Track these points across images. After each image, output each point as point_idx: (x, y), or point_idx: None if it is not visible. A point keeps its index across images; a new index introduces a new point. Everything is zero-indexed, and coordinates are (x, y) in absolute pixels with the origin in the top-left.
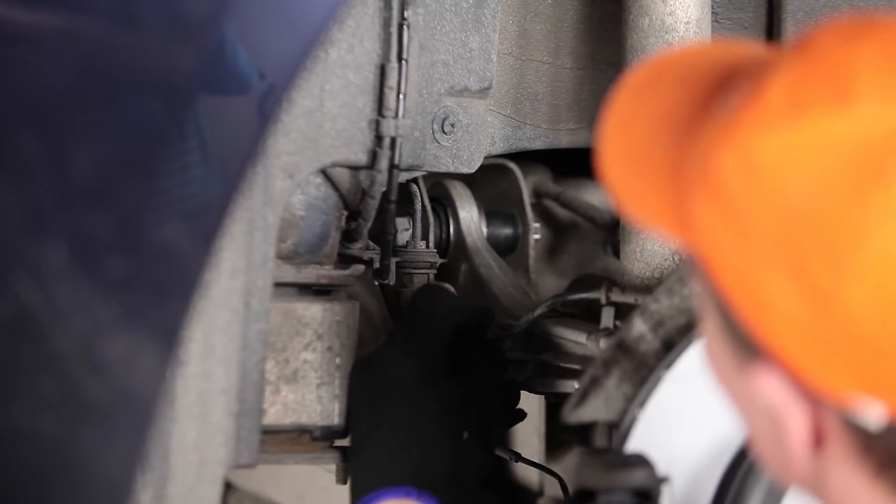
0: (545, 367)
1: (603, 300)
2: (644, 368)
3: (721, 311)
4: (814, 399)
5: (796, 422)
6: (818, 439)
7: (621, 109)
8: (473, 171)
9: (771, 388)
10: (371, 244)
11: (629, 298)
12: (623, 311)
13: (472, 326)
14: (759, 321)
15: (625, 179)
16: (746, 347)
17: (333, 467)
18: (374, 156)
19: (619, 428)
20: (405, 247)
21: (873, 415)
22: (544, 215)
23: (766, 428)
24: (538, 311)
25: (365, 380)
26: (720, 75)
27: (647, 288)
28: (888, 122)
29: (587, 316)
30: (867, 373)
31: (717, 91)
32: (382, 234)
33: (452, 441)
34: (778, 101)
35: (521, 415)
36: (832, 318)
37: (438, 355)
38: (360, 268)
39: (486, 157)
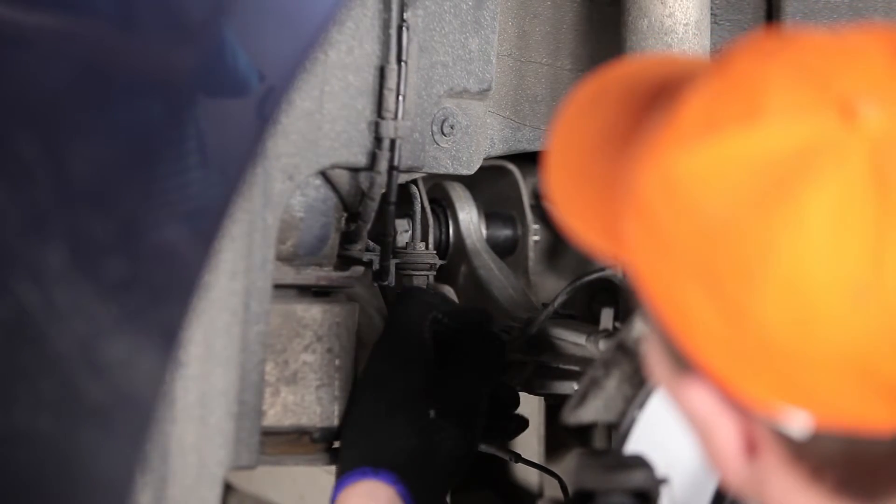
0: (544, 368)
1: (617, 279)
2: (644, 370)
3: (656, 326)
4: (742, 410)
5: (726, 432)
6: (751, 448)
7: (567, 124)
8: (473, 172)
9: (700, 400)
10: (371, 245)
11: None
12: (623, 313)
13: (454, 320)
14: (683, 335)
15: (566, 195)
16: (679, 361)
17: (333, 469)
18: (373, 157)
19: (618, 429)
20: (405, 248)
21: (798, 424)
22: (544, 217)
23: (702, 437)
24: (558, 301)
25: (363, 376)
26: (655, 91)
27: None
28: (795, 137)
29: (587, 317)
30: (786, 382)
31: (649, 108)
32: (382, 236)
33: (415, 419)
34: (693, 119)
35: (523, 422)
36: (747, 330)
37: (411, 346)
38: (360, 269)
39: (485, 159)
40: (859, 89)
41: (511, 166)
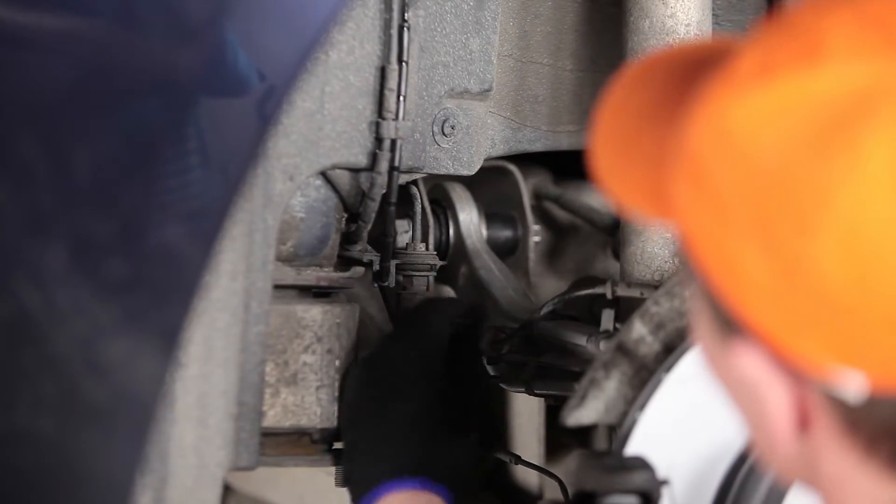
0: (545, 369)
1: (609, 294)
2: (644, 371)
3: (705, 291)
4: (795, 375)
5: (778, 399)
6: (803, 420)
7: (614, 101)
8: (473, 173)
9: (751, 364)
10: (368, 248)
11: (634, 293)
12: (623, 314)
13: (467, 329)
14: (734, 293)
15: (613, 167)
16: (728, 325)
17: (333, 470)
18: (374, 158)
19: (618, 430)
20: (405, 249)
21: (853, 387)
22: (544, 217)
23: (750, 410)
24: (544, 311)
25: (369, 378)
26: (704, 64)
27: (653, 284)
28: (856, 80)
29: (587, 318)
30: (843, 340)
31: (698, 78)
32: (382, 237)
33: (459, 437)
34: (748, 67)
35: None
36: (802, 283)
37: (438, 355)
38: (360, 270)
39: (486, 159)
40: None
41: (512, 167)
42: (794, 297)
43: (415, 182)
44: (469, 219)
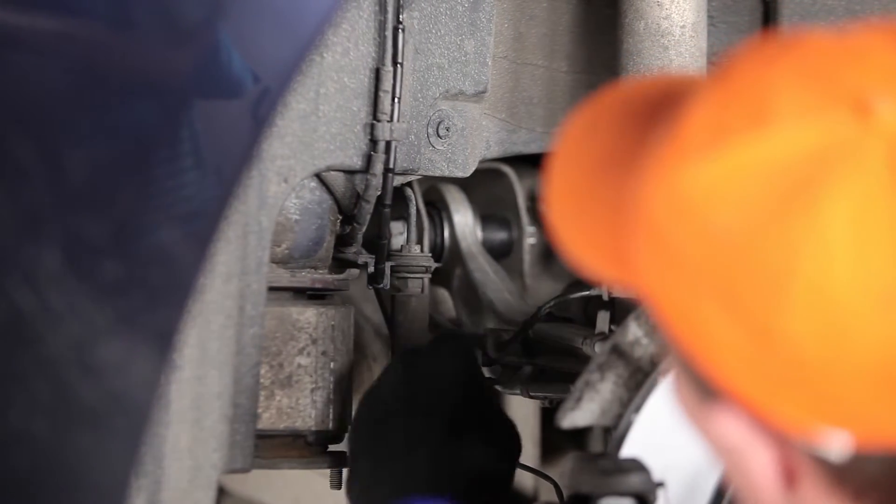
0: (540, 371)
1: (605, 296)
2: (639, 373)
3: (678, 356)
4: (777, 436)
5: (761, 462)
6: (789, 477)
7: (567, 149)
8: (468, 174)
9: (730, 429)
10: (363, 250)
11: (630, 295)
12: (619, 316)
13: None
14: (707, 359)
15: (569, 223)
16: (704, 389)
17: (328, 472)
18: (368, 160)
19: (614, 433)
20: (400, 251)
21: (837, 445)
22: (539, 220)
23: (734, 470)
24: (541, 312)
25: (370, 415)
26: (655, 109)
27: None
28: (806, 140)
29: (583, 320)
30: (821, 400)
31: (651, 125)
32: (377, 239)
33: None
34: (698, 131)
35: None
36: (775, 347)
37: (446, 397)
38: (355, 272)
39: (481, 161)
40: (871, 86)
41: (507, 169)
42: (768, 362)
43: (409, 184)
44: (464, 221)
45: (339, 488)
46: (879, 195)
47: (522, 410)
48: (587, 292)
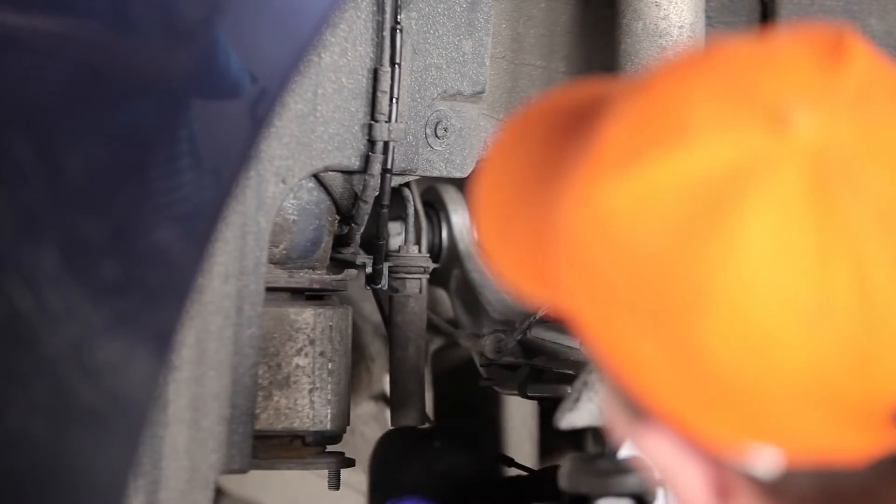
0: (538, 372)
1: None
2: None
3: (604, 376)
4: (708, 454)
5: (693, 480)
6: (722, 493)
7: (493, 165)
8: (466, 175)
9: (661, 448)
10: (361, 250)
11: None
12: None
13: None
14: (632, 380)
15: (496, 241)
16: (633, 409)
17: (325, 473)
18: (366, 160)
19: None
20: (398, 251)
21: (766, 462)
22: None
23: (670, 485)
24: (539, 314)
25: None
26: (576, 121)
27: None
28: (724, 154)
29: None
30: (747, 419)
31: (571, 139)
32: (375, 239)
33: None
34: (613, 148)
35: None
36: (698, 367)
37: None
38: (353, 272)
39: (479, 162)
40: (787, 96)
41: None
42: (692, 381)
43: (408, 184)
44: (462, 221)
45: (337, 489)
46: (795, 208)
47: (521, 411)
48: None
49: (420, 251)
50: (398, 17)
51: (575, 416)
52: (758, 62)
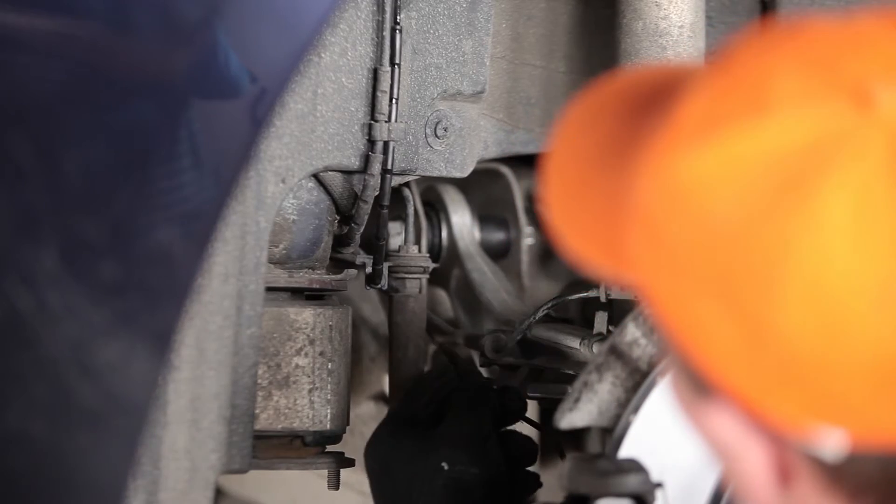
0: (538, 372)
1: (602, 297)
2: (637, 374)
3: (673, 351)
4: (772, 434)
5: (755, 461)
6: (783, 476)
7: (565, 140)
8: (466, 175)
9: (725, 426)
10: (361, 250)
11: (628, 295)
12: (617, 316)
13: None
14: (701, 355)
15: (566, 215)
16: (699, 385)
17: (325, 473)
18: (366, 160)
19: (612, 433)
20: (398, 251)
21: (832, 444)
22: (537, 220)
23: (729, 467)
24: (539, 314)
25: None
26: (653, 99)
27: None
28: (805, 130)
29: (581, 321)
30: (817, 398)
31: (648, 115)
32: (375, 239)
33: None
34: (694, 119)
35: (536, 479)
36: (770, 343)
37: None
38: (353, 272)
39: (478, 162)
40: (872, 74)
41: (504, 169)
42: (763, 358)
43: (407, 184)
44: (462, 221)
45: (337, 489)
46: (878, 187)
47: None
48: (585, 294)
49: (420, 251)
50: (398, 16)
51: (575, 416)
52: (843, 40)
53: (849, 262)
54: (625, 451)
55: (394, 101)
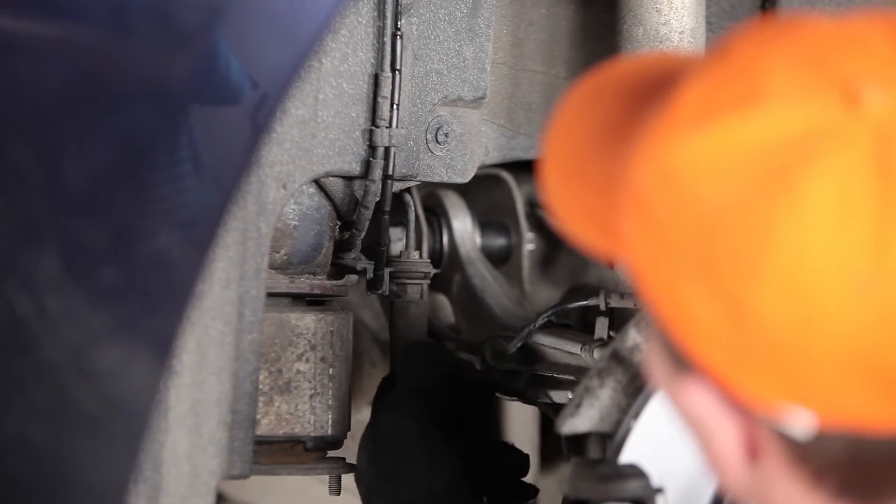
0: (539, 377)
1: (602, 306)
2: (638, 379)
3: (655, 326)
4: (744, 411)
5: (727, 435)
6: (752, 452)
7: (563, 123)
8: (467, 181)
9: (699, 400)
10: (362, 256)
11: (628, 304)
12: (618, 322)
13: (465, 380)
14: (682, 332)
15: (562, 194)
16: (678, 360)
17: (326, 478)
18: (367, 166)
19: (613, 439)
20: (399, 257)
21: (801, 424)
22: (538, 225)
23: (702, 441)
24: (539, 322)
25: (375, 453)
26: (652, 86)
27: None
28: (796, 122)
29: (582, 326)
30: (788, 380)
31: (646, 102)
32: (376, 245)
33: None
34: (690, 107)
35: (533, 490)
36: (748, 325)
37: (441, 416)
38: (354, 278)
39: (479, 167)
40: (863, 74)
41: (505, 175)
42: (740, 338)
43: (408, 190)
44: (463, 227)
45: (338, 494)
46: (860, 180)
47: (521, 417)
48: (585, 302)
49: (421, 256)
50: (399, 22)
51: (576, 422)
52: (838, 39)
53: (827, 251)
54: (626, 457)
55: (395, 106)
